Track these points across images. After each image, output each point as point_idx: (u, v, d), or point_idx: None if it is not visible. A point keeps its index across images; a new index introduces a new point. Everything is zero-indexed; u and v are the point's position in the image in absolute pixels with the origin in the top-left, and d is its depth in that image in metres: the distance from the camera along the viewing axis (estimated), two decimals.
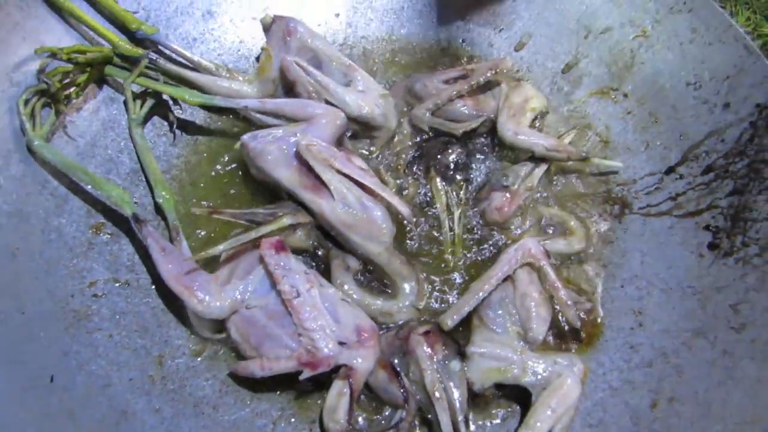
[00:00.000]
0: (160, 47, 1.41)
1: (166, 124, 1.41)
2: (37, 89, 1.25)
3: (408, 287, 1.25)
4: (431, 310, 1.26)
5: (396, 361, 1.15)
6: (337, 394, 1.09)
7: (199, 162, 1.40)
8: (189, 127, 1.43)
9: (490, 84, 1.43)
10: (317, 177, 1.21)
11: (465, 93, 1.41)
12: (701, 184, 1.30)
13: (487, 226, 1.35)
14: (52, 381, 1.08)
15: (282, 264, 1.13)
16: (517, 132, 1.37)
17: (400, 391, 1.11)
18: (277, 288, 1.12)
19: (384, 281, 1.27)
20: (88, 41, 1.36)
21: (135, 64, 1.35)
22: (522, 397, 1.15)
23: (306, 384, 1.12)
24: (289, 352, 1.09)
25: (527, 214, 1.36)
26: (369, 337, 1.13)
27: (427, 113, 1.42)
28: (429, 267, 1.31)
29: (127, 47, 1.35)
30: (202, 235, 1.31)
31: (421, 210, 1.36)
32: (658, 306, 1.25)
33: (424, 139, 1.44)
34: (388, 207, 1.23)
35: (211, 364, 1.19)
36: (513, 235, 1.34)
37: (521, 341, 1.16)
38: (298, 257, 1.22)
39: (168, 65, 1.38)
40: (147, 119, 1.38)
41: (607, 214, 1.38)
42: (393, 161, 1.42)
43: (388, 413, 1.14)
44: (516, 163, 1.40)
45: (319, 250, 1.28)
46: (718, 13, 1.32)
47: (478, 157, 1.43)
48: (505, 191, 1.35)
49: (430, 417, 1.11)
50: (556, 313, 1.22)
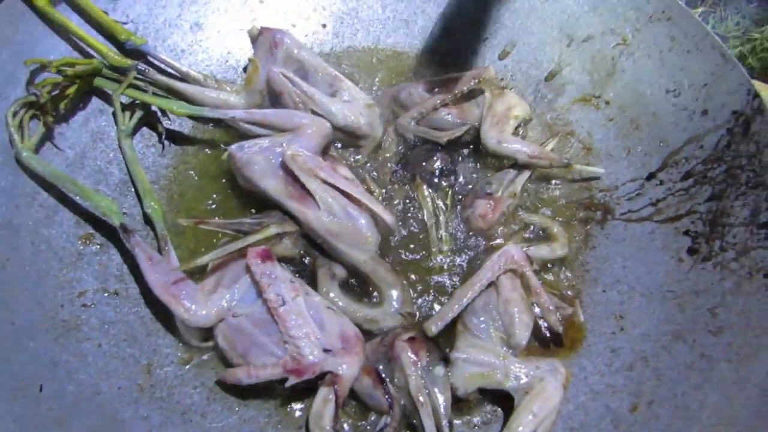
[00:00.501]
0: (148, 58, 1.43)
1: (154, 135, 1.43)
2: (26, 101, 1.26)
3: (393, 294, 1.26)
4: (416, 316, 1.27)
5: (381, 368, 1.16)
6: (323, 401, 1.10)
7: (187, 172, 1.42)
8: (177, 138, 1.45)
9: (474, 92, 1.45)
10: (303, 186, 1.23)
11: (449, 101, 1.43)
12: (681, 190, 1.32)
13: (470, 232, 1.37)
14: (42, 390, 1.09)
15: (268, 273, 1.15)
16: (500, 140, 1.39)
17: (385, 397, 1.12)
18: (263, 296, 1.14)
19: (369, 289, 1.28)
20: (78, 52, 1.38)
21: (124, 75, 1.37)
22: (505, 401, 1.17)
23: (292, 390, 1.14)
24: (275, 360, 1.11)
25: (510, 221, 1.38)
26: (354, 345, 1.14)
27: (412, 122, 1.44)
28: (414, 274, 1.32)
29: (116, 58, 1.37)
30: (191, 244, 1.32)
31: (407, 217, 1.38)
32: (639, 310, 1.27)
33: (409, 147, 1.45)
34: (373, 215, 1.25)
35: (199, 372, 1.21)
36: (496, 241, 1.36)
37: (504, 346, 1.18)
38: (285, 266, 1.23)
39: (157, 76, 1.40)
40: (136, 130, 1.39)
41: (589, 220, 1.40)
42: (379, 170, 1.43)
43: (373, 419, 1.15)
44: (499, 171, 1.42)
45: (306, 259, 1.29)
46: (695, 22, 1.35)
47: (462, 164, 1.45)
48: (488, 198, 1.37)
49: (414, 422, 1.12)
50: (539, 318, 1.24)
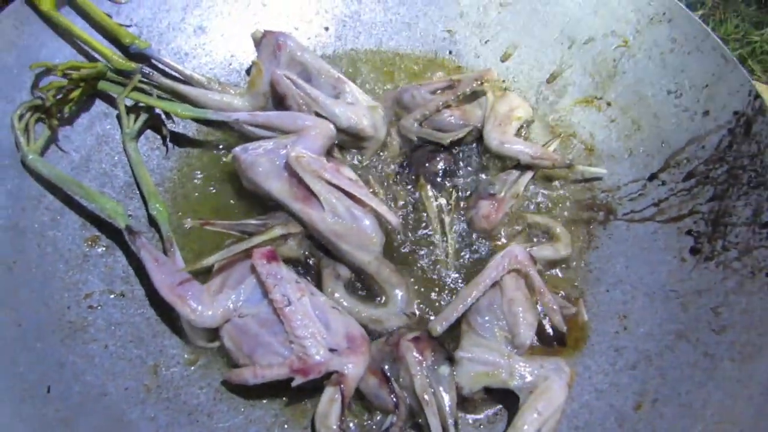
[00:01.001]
0: (152, 62, 1.43)
1: (159, 138, 1.44)
2: (32, 104, 1.27)
3: (398, 295, 1.27)
4: (421, 316, 1.28)
5: (386, 368, 1.17)
6: (329, 401, 1.11)
7: (191, 174, 1.42)
8: (182, 141, 1.46)
9: (477, 94, 1.46)
10: (307, 188, 1.24)
11: (452, 103, 1.44)
12: (683, 190, 1.33)
13: (474, 233, 1.38)
14: (49, 391, 1.09)
15: (273, 273, 1.15)
16: (502, 141, 1.40)
17: (391, 397, 1.13)
18: (268, 297, 1.14)
19: (374, 289, 1.29)
20: (82, 56, 1.38)
21: (128, 78, 1.37)
22: (509, 400, 1.17)
23: (298, 390, 1.14)
24: (281, 360, 1.11)
25: (514, 222, 1.39)
26: (359, 344, 1.15)
27: (415, 123, 1.45)
28: (418, 274, 1.33)
29: (120, 61, 1.37)
30: (195, 246, 1.33)
31: (411, 218, 1.39)
32: (642, 310, 1.28)
33: (412, 149, 1.46)
34: (377, 216, 1.26)
35: (205, 373, 1.21)
36: (500, 242, 1.37)
37: (509, 346, 1.18)
38: (289, 267, 1.23)
39: (161, 79, 1.40)
40: (140, 133, 1.40)
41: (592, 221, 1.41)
42: (382, 171, 1.44)
43: (379, 418, 1.16)
44: (502, 172, 1.43)
45: (310, 260, 1.30)
46: (696, 24, 1.36)
47: (465, 165, 1.46)
48: (491, 199, 1.38)
49: (420, 421, 1.13)
50: (542, 317, 1.25)
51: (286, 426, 1.17)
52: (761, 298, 1.15)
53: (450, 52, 1.61)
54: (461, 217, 1.39)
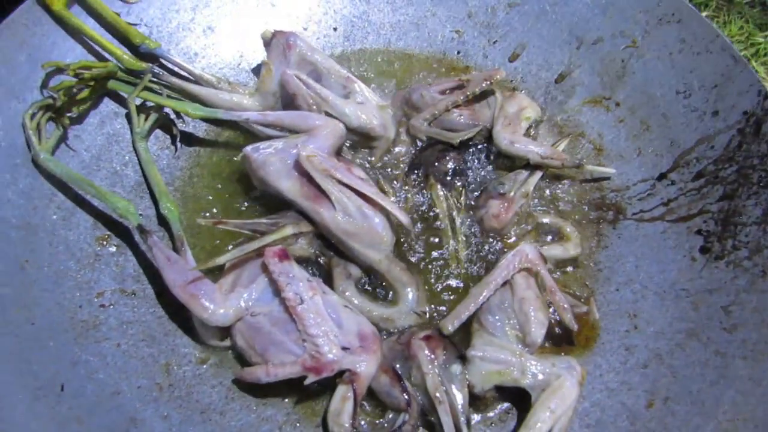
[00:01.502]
0: (162, 61, 1.44)
1: (168, 137, 1.44)
2: (43, 104, 1.28)
3: (408, 293, 1.27)
4: (431, 315, 1.28)
5: (398, 366, 1.17)
6: (341, 399, 1.11)
7: (201, 174, 1.43)
8: (192, 140, 1.46)
9: (485, 94, 1.47)
10: (318, 187, 1.24)
11: (461, 103, 1.44)
12: (692, 190, 1.34)
13: (484, 233, 1.38)
14: (63, 389, 1.10)
15: (286, 272, 1.16)
16: (512, 140, 1.41)
17: (403, 395, 1.13)
18: (281, 295, 1.14)
19: (385, 288, 1.30)
20: (92, 56, 1.39)
21: (138, 78, 1.38)
22: (520, 399, 1.18)
23: (311, 386, 1.14)
24: (294, 358, 1.11)
25: (523, 221, 1.39)
26: (371, 343, 1.15)
27: (424, 123, 1.45)
28: (429, 273, 1.33)
29: (131, 61, 1.38)
30: (206, 245, 1.33)
31: (421, 217, 1.39)
32: (653, 309, 1.28)
33: (421, 148, 1.47)
34: (388, 215, 1.26)
35: (217, 372, 1.22)
36: (510, 241, 1.37)
37: (520, 344, 1.19)
38: (301, 266, 1.24)
39: (171, 79, 1.41)
40: (150, 133, 1.40)
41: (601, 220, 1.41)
42: (392, 170, 1.45)
43: (391, 416, 1.16)
44: (512, 171, 1.44)
45: (321, 259, 1.30)
46: (705, 24, 1.36)
47: (474, 165, 1.46)
48: (501, 199, 1.38)
49: (432, 419, 1.13)
50: (553, 316, 1.25)
51: (298, 424, 1.18)
52: None
53: (458, 53, 1.61)
54: (471, 216, 1.40)
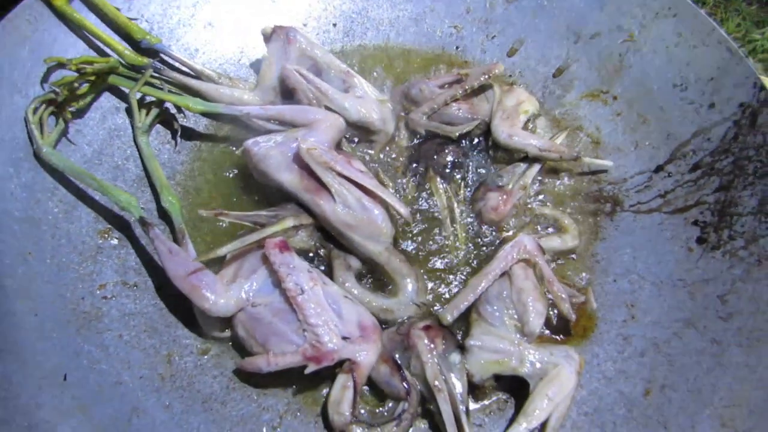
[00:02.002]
0: (163, 57, 1.45)
1: (169, 132, 1.46)
2: (45, 98, 1.28)
3: (408, 285, 1.28)
4: (431, 306, 1.29)
5: (397, 356, 1.18)
6: (342, 388, 1.12)
7: (202, 168, 1.44)
8: (192, 135, 1.48)
9: (484, 88, 1.48)
10: (318, 180, 1.25)
11: (460, 97, 1.46)
12: (689, 182, 1.35)
13: (483, 225, 1.39)
14: (66, 379, 1.11)
15: (286, 263, 1.17)
16: (510, 134, 1.42)
17: (402, 384, 1.14)
18: (281, 286, 1.15)
19: (384, 279, 1.31)
20: (94, 51, 1.40)
21: (139, 73, 1.39)
22: (519, 388, 1.19)
23: (310, 378, 1.15)
24: (295, 348, 1.12)
25: (522, 213, 1.40)
26: (371, 333, 1.16)
27: (423, 117, 1.46)
28: (428, 265, 1.34)
29: (132, 56, 1.39)
30: (207, 238, 1.35)
31: (421, 209, 1.40)
32: (650, 299, 1.29)
33: (420, 142, 1.48)
34: (388, 208, 1.27)
35: (219, 362, 1.23)
36: (508, 233, 1.38)
37: (518, 334, 1.20)
38: (301, 257, 1.25)
39: (171, 74, 1.42)
40: (152, 127, 1.41)
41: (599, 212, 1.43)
42: (392, 164, 1.46)
43: (390, 405, 1.17)
44: (510, 164, 1.45)
45: (321, 251, 1.31)
46: (701, 18, 1.38)
47: (473, 158, 1.47)
48: (500, 191, 1.39)
49: (431, 408, 1.14)
50: (551, 307, 1.26)
51: (298, 413, 1.19)
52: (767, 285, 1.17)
53: (457, 48, 1.63)
54: (470, 208, 1.41)
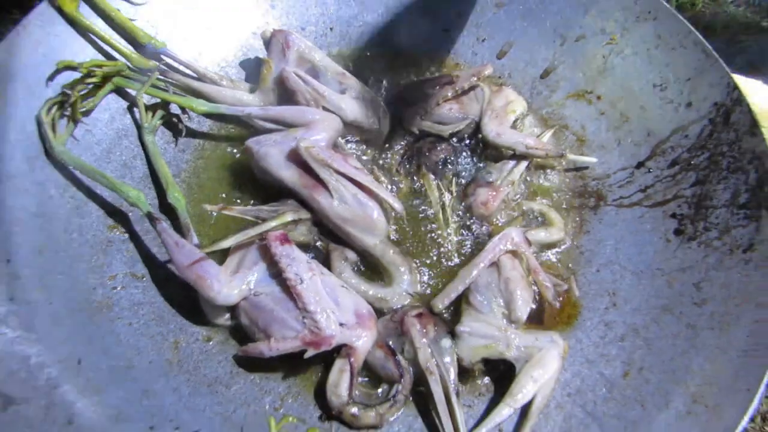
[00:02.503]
0: (168, 60, 1.51)
1: (175, 131, 1.52)
2: (57, 100, 1.35)
3: (402, 275, 1.35)
4: (423, 295, 1.36)
5: (392, 342, 1.25)
6: (339, 371, 1.19)
7: (206, 166, 1.51)
8: (196, 134, 1.55)
9: (474, 89, 1.55)
10: (316, 176, 1.32)
11: (451, 97, 1.53)
12: (668, 177, 1.42)
13: (473, 219, 1.46)
14: (80, 363, 1.17)
15: (287, 254, 1.23)
16: (499, 132, 1.49)
17: (396, 368, 1.21)
18: (282, 276, 1.22)
19: (379, 271, 1.38)
20: (102, 55, 1.46)
21: (146, 76, 1.45)
22: (507, 371, 1.25)
23: (310, 363, 1.22)
24: (294, 334, 1.19)
25: (510, 208, 1.47)
26: (367, 319, 1.23)
27: (416, 117, 1.53)
28: (421, 256, 1.41)
29: (139, 60, 1.46)
30: (211, 232, 1.42)
31: (414, 204, 1.47)
32: (630, 287, 1.36)
33: (414, 140, 1.55)
34: (382, 203, 1.34)
35: (223, 348, 1.30)
36: (497, 226, 1.45)
37: (506, 321, 1.26)
38: (300, 250, 1.31)
39: (176, 76, 1.48)
40: (157, 127, 1.48)
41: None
42: (386, 161, 1.53)
43: (385, 387, 1.24)
44: (499, 161, 1.52)
45: (319, 244, 1.38)
46: (679, 21, 1.45)
47: (464, 156, 1.54)
48: (489, 187, 1.46)
49: (423, 389, 1.21)
50: (537, 295, 1.33)
51: (299, 396, 1.25)
52: (739, 273, 1.23)
53: (449, 51, 1.70)
54: (461, 203, 1.47)
